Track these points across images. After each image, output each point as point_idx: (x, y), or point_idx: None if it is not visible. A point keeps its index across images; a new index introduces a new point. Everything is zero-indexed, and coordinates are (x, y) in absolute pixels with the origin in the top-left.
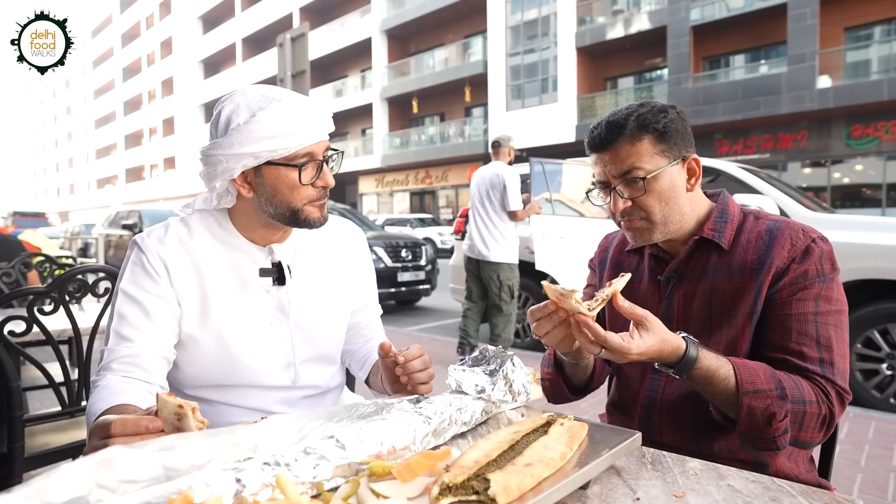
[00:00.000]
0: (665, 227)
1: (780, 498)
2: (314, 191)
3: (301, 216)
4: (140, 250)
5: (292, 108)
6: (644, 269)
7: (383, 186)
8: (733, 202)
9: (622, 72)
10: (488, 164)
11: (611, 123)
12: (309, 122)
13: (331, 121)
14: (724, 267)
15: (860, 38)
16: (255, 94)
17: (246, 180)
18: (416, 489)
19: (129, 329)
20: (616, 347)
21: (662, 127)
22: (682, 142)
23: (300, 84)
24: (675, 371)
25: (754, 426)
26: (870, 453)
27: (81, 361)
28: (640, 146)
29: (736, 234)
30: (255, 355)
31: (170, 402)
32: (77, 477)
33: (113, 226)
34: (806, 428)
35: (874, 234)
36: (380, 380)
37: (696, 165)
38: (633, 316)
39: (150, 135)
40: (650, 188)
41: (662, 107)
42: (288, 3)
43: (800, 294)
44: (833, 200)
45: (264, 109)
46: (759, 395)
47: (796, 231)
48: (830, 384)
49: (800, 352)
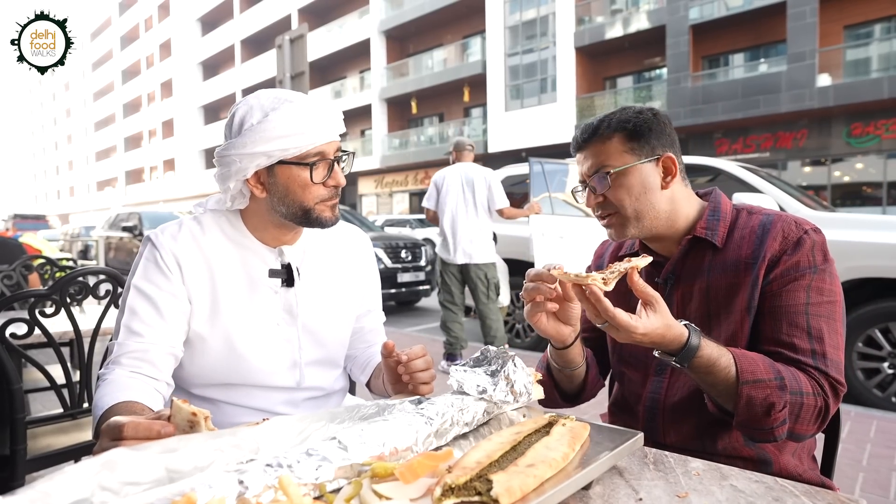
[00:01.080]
0: (638, 223)
1: (784, 498)
2: (325, 190)
3: (313, 215)
4: (154, 246)
5: (303, 109)
6: (641, 272)
7: (382, 187)
8: (725, 199)
9: (621, 71)
10: (459, 166)
11: (586, 126)
12: (319, 122)
13: (341, 122)
14: (719, 264)
15: (860, 35)
16: (268, 96)
17: (259, 180)
18: (419, 490)
19: (139, 324)
20: (623, 324)
21: (633, 126)
22: (655, 141)
23: (299, 85)
24: (676, 359)
25: (753, 416)
26: (872, 452)
27: (83, 363)
28: (609, 145)
29: (729, 230)
30: (261, 355)
31: (184, 408)
32: (80, 479)
33: (113, 228)
34: (802, 420)
35: (875, 233)
36: (381, 382)
37: (671, 164)
38: (645, 295)
39: (150, 137)
40: (617, 183)
41: (640, 109)
42: (286, 5)
43: (790, 285)
44: (833, 199)
45: (276, 110)
46: (758, 385)
47: (789, 223)
48: (824, 376)
49: (791, 343)
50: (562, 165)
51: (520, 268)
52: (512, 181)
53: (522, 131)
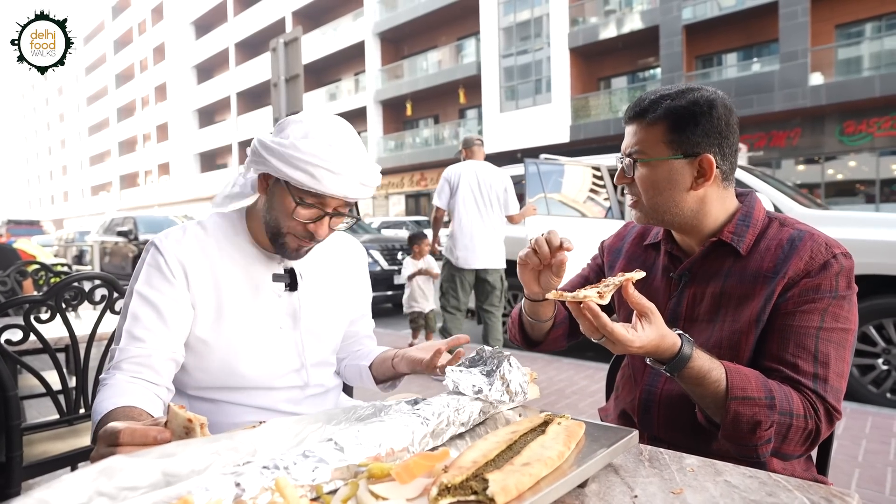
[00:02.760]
0: (655, 215)
1: (777, 493)
2: (302, 230)
3: (280, 240)
4: (158, 251)
5: (330, 157)
6: (658, 265)
7: (378, 189)
8: (760, 206)
9: (615, 72)
10: (472, 164)
11: (639, 100)
12: (335, 179)
13: (363, 189)
14: (738, 272)
15: (851, 35)
16: (321, 125)
17: (266, 181)
18: (415, 490)
19: (141, 330)
20: (620, 338)
21: (680, 117)
22: (700, 138)
23: (294, 88)
24: (666, 368)
25: (738, 432)
26: (867, 448)
27: (79, 369)
28: (652, 130)
29: (756, 239)
30: (265, 359)
31: (180, 414)
32: (77, 486)
33: (108, 233)
34: (789, 441)
35: (869, 230)
36: (390, 364)
37: (709, 166)
38: (641, 307)
39: (144, 141)
40: (644, 172)
41: (697, 99)
42: (280, 8)
43: (806, 306)
44: (827, 197)
45: (309, 139)
46: (747, 402)
47: (819, 244)
48: (821, 400)
49: (794, 364)
50: (557, 166)
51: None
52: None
53: (518, 132)
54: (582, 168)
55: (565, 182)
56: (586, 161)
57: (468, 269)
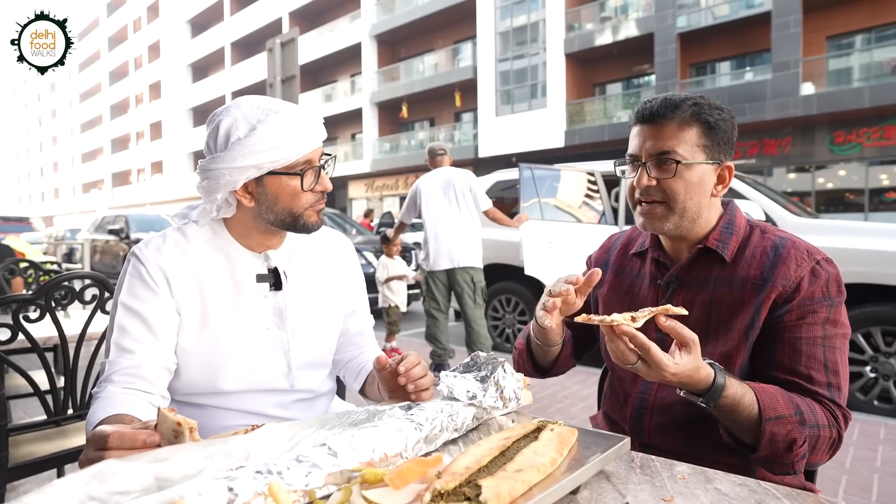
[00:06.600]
0: (681, 219)
1: (766, 500)
2: (314, 196)
3: (301, 221)
4: (138, 261)
5: (290, 119)
6: (645, 273)
7: (373, 191)
8: (741, 214)
9: (610, 78)
10: (436, 172)
11: (668, 100)
12: (306, 131)
13: (324, 127)
14: (725, 279)
15: (842, 46)
16: (250, 106)
17: (247, 190)
18: (408, 496)
19: (130, 341)
20: (656, 360)
21: (714, 123)
22: (724, 145)
23: (290, 89)
24: (703, 399)
25: (775, 452)
26: (854, 455)
27: (67, 369)
28: (687, 133)
29: (740, 247)
30: (253, 360)
31: (170, 417)
32: (69, 490)
33: (99, 231)
34: (818, 451)
35: (857, 239)
36: (376, 389)
37: (727, 175)
38: (682, 337)
39: (138, 139)
40: (681, 174)
41: (721, 106)
42: (277, 8)
43: (809, 318)
44: (817, 205)
45: (263, 122)
46: (780, 422)
47: (801, 252)
48: (838, 407)
49: (809, 375)
50: (552, 171)
51: (508, 273)
52: (502, 186)
53: (513, 136)
54: (576, 173)
55: (560, 187)
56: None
57: (438, 271)
